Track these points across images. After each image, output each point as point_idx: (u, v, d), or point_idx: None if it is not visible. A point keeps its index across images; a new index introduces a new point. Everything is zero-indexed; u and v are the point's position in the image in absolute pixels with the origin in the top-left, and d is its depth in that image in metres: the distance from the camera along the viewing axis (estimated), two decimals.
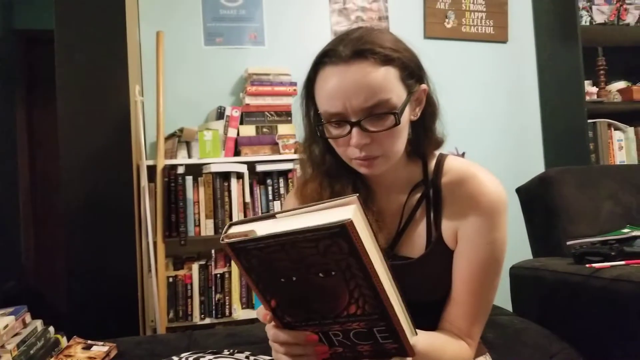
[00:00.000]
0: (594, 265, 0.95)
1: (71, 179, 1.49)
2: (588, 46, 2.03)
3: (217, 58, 2.00)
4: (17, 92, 2.55)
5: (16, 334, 0.93)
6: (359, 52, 0.60)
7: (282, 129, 1.87)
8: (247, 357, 0.76)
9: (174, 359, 0.69)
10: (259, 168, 1.79)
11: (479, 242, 0.66)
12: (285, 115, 1.88)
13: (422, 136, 0.71)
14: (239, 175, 1.77)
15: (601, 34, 2.14)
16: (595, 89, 2.10)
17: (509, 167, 2.15)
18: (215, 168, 1.72)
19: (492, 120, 2.24)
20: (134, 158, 1.61)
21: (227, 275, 1.73)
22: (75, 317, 1.44)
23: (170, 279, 1.68)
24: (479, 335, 0.69)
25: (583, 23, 2.06)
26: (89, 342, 1.03)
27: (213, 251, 1.75)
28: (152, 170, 1.69)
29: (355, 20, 2.13)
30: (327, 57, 0.63)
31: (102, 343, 1.03)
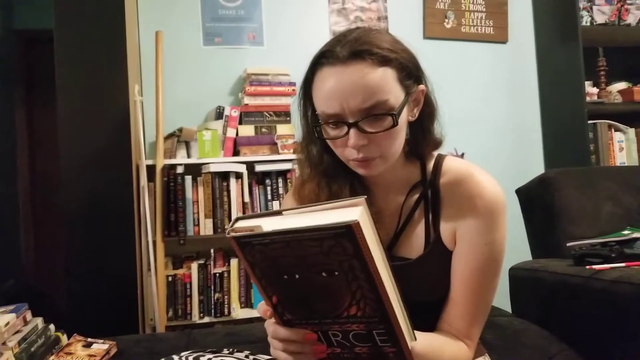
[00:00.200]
0: (593, 266, 0.94)
1: (71, 178, 1.49)
2: (588, 46, 2.03)
3: (216, 58, 2.00)
4: (17, 92, 2.55)
5: (17, 332, 0.93)
6: (356, 53, 0.60)
7: (281, 129, 1.86)
8: (246, 357, 0.76)
9: (174, 357, 0.69)
10: (258, 168, 1.79)
11: (478, 242, 0.66)
12: (284, 115, 1.88)
13: (420, 137, 0.70)
14: (238, 175, 1.77)
15: (602, 35, 2.13)
16: (595, 90, 2.09)
17: (508, 168, 2.15)
18: (214, 168, 1.73)
19: (492, 120, 2.24)
20: (134, 157, 1.61)
21: (226, 275, 1.73)
22: (76, 315, 1.45)
23: (170, 278, 1.69)
24: (477, 336, 0.69)
25: (584, 23, 2.05)
26: (89, 339, 1.04)
27: (212, 250, 1.75)
28: (151, 169, 1.69)
29: (354, 20, 2.13)
30: (325, 57, 0.62)
31: (102, 341, 1.03)
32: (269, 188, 1.80)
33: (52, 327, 1.04)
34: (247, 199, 1.77)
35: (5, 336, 0.89)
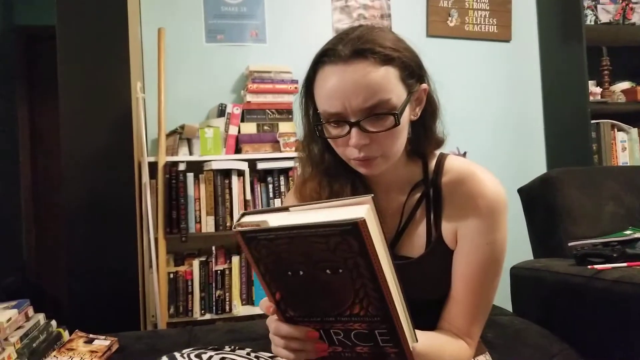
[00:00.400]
0: (595, 266, 0.94)
1: (73, 175, 1.50)
2: (592, 46, 2.01)
3: (219, 55, 2.00)
4: (18, 90, 2.55)
5: (19, 327, 0.94)
6: (358, 52, 0.60)
7: (283, 126, 1.86)
8: (247, 354, 0.76)
9: (176, 354, 0.69)
10: (260, 166, 1.79)
11: (479, 242, 0.65)
12: (286, 113, 1.88)
13: (422, 136, 0.70)
14: (240, 173, 1.77)
15: (606, 34, 2.12)
16: (599, 89, 2.08)
17: (510, 167, 2.14)
18: (216, 165, 1.73)
19: (494, 119, 2.23)
20: (136, 155, 1.61)
21: (227, 272, 1.74)
22: (77, 312, 1.46)
23: (171, 275, 1.69)
24: (478, 335, 0.69)
25: (588, 22, 2.04)
26: (91, 336, 1.04)
27: (214, 248, 1.75)
28: (153, 167, 1.69)
29: (357, 17, 2.12)
30: (327, 56, 0.62)
31: (103, 337, 1.04)
32: (270, 186, 1.80)
33: (54, 323, 1.05)
34: (249, 196, 1.77)
35: (7, 332, 0.89)
